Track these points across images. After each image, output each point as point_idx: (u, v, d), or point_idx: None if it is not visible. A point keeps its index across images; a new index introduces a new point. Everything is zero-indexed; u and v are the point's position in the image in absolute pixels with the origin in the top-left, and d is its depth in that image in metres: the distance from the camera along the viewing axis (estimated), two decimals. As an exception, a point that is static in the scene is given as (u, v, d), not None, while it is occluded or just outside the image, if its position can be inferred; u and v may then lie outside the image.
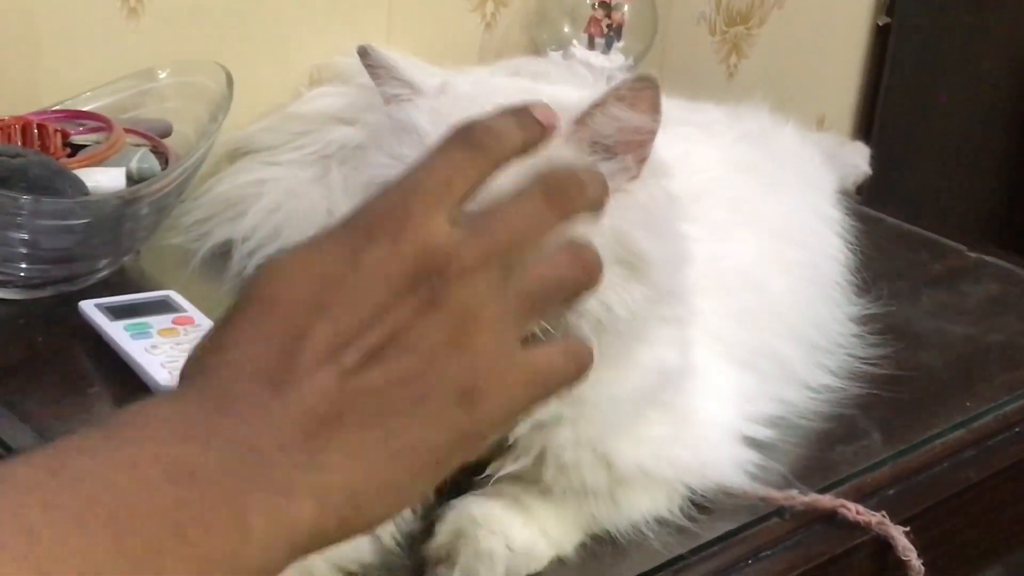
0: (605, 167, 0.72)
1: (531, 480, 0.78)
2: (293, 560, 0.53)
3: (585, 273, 0.60)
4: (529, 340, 0.58)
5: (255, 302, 0.57)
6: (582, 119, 0.72)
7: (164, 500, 0.49)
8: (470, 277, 0.57)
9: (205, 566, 0.50)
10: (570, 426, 0.76)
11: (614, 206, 0.67)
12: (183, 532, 0.49)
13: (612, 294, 0.74)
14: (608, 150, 0.73)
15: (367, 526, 0.56)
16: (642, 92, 0.73)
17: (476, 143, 0.58)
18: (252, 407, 0.53)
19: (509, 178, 0.58)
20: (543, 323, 0.68)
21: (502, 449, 0.77)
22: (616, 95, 0.72)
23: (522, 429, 0.76)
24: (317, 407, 0.54)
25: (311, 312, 0.56)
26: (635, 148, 0.74)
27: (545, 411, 0.75)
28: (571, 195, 0.60)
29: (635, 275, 0.75)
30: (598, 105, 0.72)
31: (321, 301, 0.56)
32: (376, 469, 0.55)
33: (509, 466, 0.77)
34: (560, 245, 0.59)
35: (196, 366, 0.56)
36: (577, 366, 0.60)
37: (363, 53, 0.82)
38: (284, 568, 0.53)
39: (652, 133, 0.74)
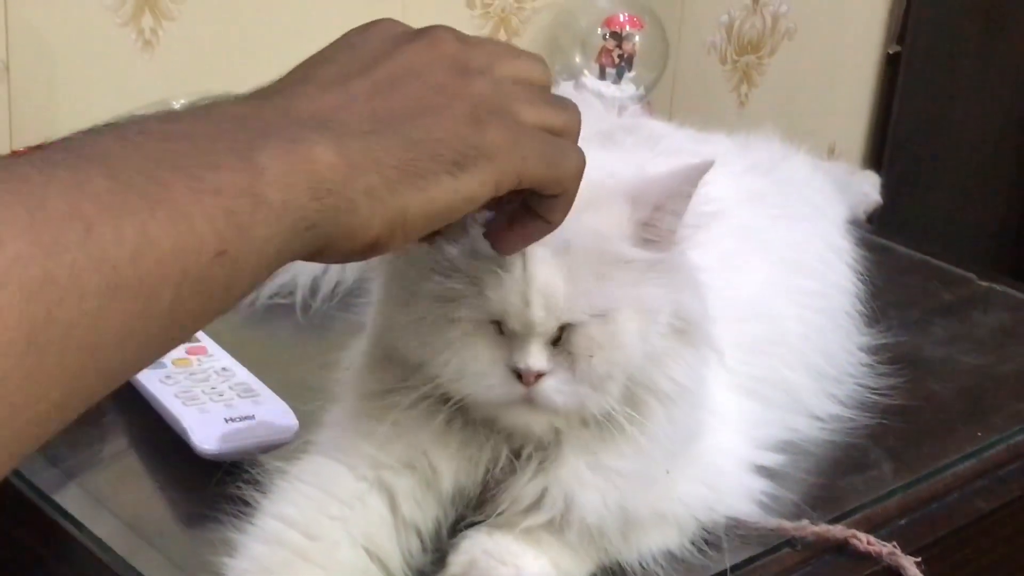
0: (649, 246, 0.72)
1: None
2: (320, 204, 0.54)
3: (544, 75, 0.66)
4: None
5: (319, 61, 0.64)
6: (643, 202, 0.72)
7: (158, 150, 0.51)
8: (478, 48, 0.64)
9: (218, 195, 0.50)
10: (599, 494, 0.76)
11: (662, 279, 0.68)
12: (186, 169, 0.50)
13: (675, 365, 0.75)
14: (655, 230, 0.72)
15: (394, 211, 0.57)
16: (699, 177, 0.72)
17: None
18: (262, 104, 0.58)
19: None
20: (628, 410, 0.72)
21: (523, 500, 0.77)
22: (683, 186, 0.72)
23: (552, 489, 0.76)
24: (336, 106, 0.58)
25: (325, 57, 0.63)
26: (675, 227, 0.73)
27: (575, 477, 0.75)
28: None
29: (687, 340, 0.76)
30: (674, 195, 0.72)
31: (333, 54, 0.63)
32: (394, 145, 0.57)
33: (531, 519, 0.77)
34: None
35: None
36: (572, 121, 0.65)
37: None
38: (318, 225, 0.54)
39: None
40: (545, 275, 0.69)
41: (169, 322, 0.50)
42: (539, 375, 0.71)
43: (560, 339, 0.71)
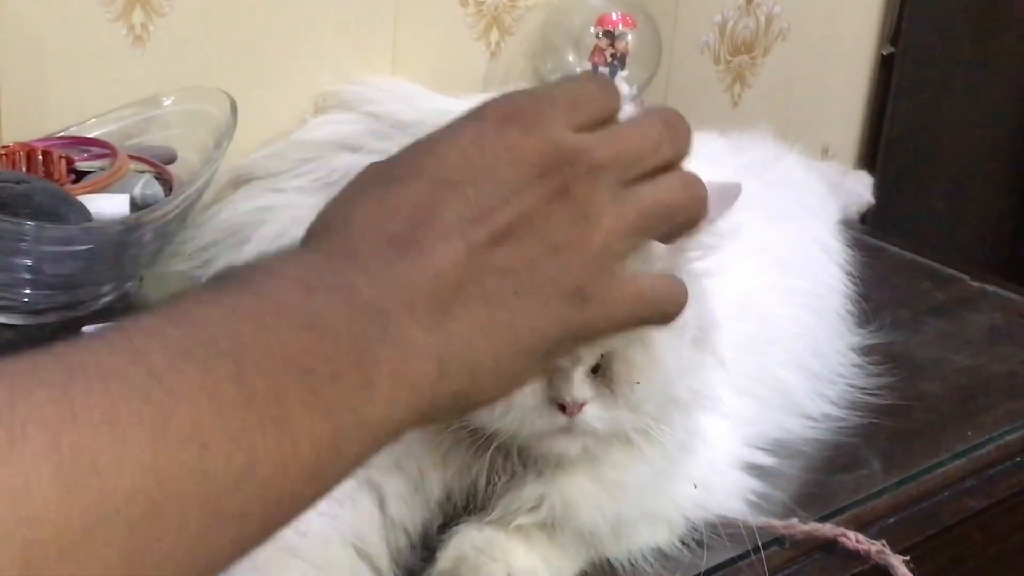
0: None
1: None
2: (410, 427, 0.53)
3: (694, 205, 0.64)
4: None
5: (383, 177, 0.58)
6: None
7: (289, 346, 0.49)
8: (597, 174, 0.59)
9: (328, 416, 0.49)
10: (597, 503, 0.76)
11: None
12: (308, 378, 0.48)
13: (694, 374, 0.75)
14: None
15: (477, 403, 0.57)
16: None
17: (608, 83, 0.64)
18: (380, 265, 0.54)
19: None
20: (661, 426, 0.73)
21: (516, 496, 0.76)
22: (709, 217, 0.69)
23: (551, 496, 0.75)
24: (445, 274, 0.55)
25: (441, 187, 0.57)
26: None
27: (575, 486, 0.75)
28: (683, 134, 0.64)
29: (701, 348, 0.75)
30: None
31: (451, 177, 0.57)
32: (494, 344, 0.56)
33: (522, 518, 0.76)
34: (674, 175, 0.62)
35: (322, 229, 0.56)
36: (674, 302, 0.63)
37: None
38: (401, 433, 0.52)
39: None
40: None
41: (258, 538, 0.49)
42: (582, 405, 0.70)
43: (599, 366, 0.70)
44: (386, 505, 0.76)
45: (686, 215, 0.64)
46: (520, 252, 0.57)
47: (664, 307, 0.63)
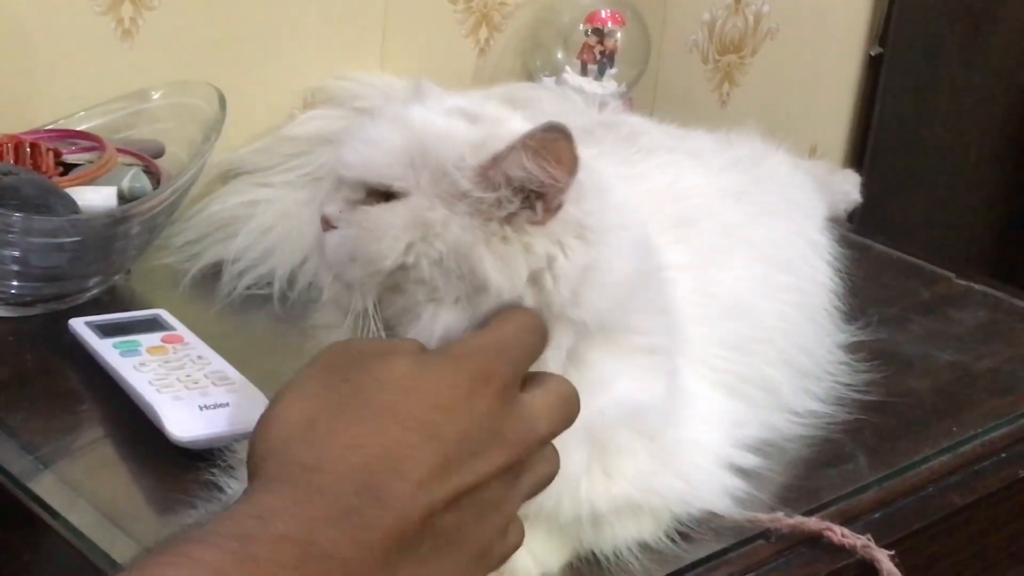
0: (512, 206, 0.71)
1: None
2: None
3: (556, 471, 0.69)
4: None
5: (350, 400, 0.62)
6: (497, 157, 0.71)
7: None
8: (538, 460, 0.66)
9: None
10: (575, 492, 0.76)
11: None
12: None
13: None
14: (520, 191, 0.71)
15: None
16: (551, 144, 0.70)
17: (543, 329, 0.70)
18: (360, 524, 0.57)
19: None
20: None
21: None
22: (523, 143, 0.70)
23: None
24: (400, 531, 0.58)
25: (414, 432, 0.60)
26: (543, 197, 0.71)
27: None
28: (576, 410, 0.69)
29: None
30: (512, 148, 0.70)
31: (425, 428, 0.61)
32: None
33: None
34: (548, 451, 0.67)
35: (310, 451, 0.60)
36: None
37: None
38: None
39: (558, 185, 0.71)
40: None
41: None
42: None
43: None
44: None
45: (551, 481, 0.69)
46: (457, 517, 0.61)
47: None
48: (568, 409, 0.68)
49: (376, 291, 0.73)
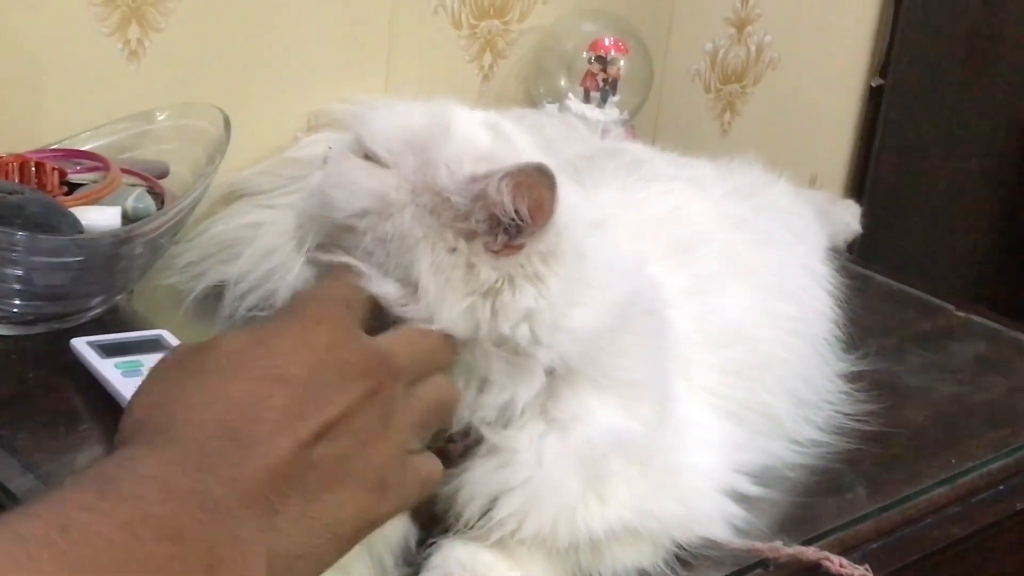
0: (478, 226, 0.72)
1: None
2: None
3: (456, 399, 0.73)
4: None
5: (199, 368, 0.65)
6: (488, 175, 0.71)
7: (154, 558, 0.55)
8: (398, 377, 0.68)
9: None
10: (520, 499, 0.76)
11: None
12: None
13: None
14: (492, 217, 0.72)
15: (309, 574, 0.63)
16: (533, 185, 0.70)
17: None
18: (221, 461, 0.60)
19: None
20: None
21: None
22: (509, 173, 0.70)
23: (529, 512, 0.76)
24: (275, 468, 0.61)
25: (268, 383, 0.63)
26: (507, 230, 0.72)
27: (550, 502, 0.76)
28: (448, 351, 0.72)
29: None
30: (500, 173, 0.71)
31: (279, 374, 0.64)
32: (311, 538, 0.62)
33: (495, 534, 0.77)
34: (440, 378, 0.72)
35: (163, 416, 0.63)
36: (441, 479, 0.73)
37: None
38: None
39: (526, 226, 0.71)
40: None
41: None
42: None
43: None
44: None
45: (453, 407, 0.73)
46: (335, 448, 0.63)
47: (439, 483, 0.73)
48: (425, 342, 0.71)
49: (321, 236, 0.76)
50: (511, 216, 0.71)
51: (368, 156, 0.75)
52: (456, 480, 0.76)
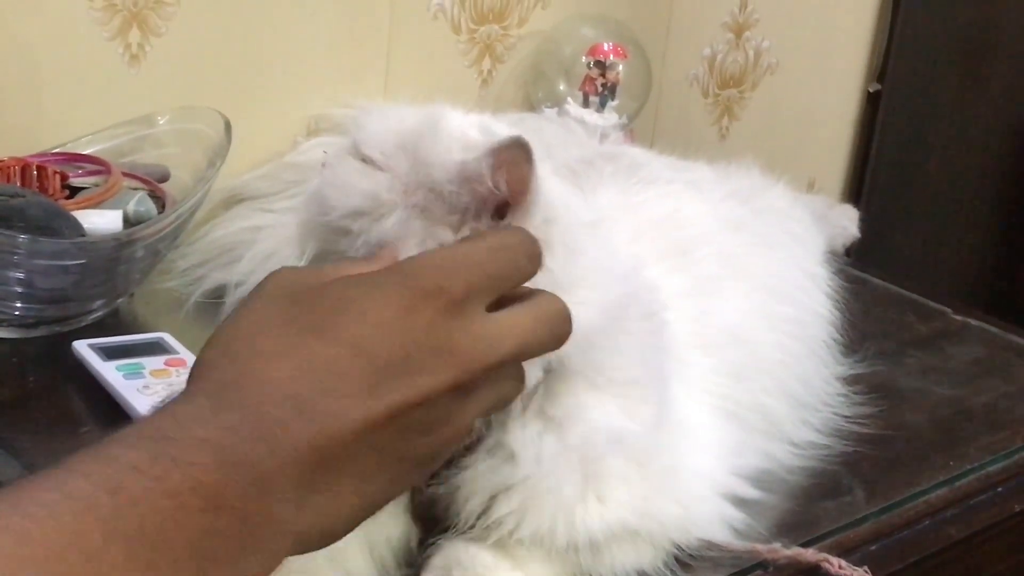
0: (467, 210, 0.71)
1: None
2: None
3: (520, 390, 0.69)
4: None
5: (298, 320, 0.60)
6: (476, 159, 0.71)
7: (194, 530, 0.53)
8: (497, 374, 0.64)
9: None
10: (519, 498, 0.76)
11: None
12: (202, 560, 0.53)
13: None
14: (476, 197, 0.71)
15: (315, 550, 0.60)
16: (508, 161, 0.70)
17: (534, 244, 0.68)
18: (283, 436, 0.56)
19: None
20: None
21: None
22: (489, 150, 0.70)
23: (527, 512, 0.76)
24: (330, 446, 0.57)
25: (354, 353, 0.59)
26: (488, 208, 0.71)
27: (495, 484, 0.76)
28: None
29: None
30: (480, 153, 0.70)
31: (366, 346, 0.59)
32: (348, 514, 0.60)
33: (495, 534, 0.77)
34: (513, 370, 0.66)
35: (237, 364, 0.59)
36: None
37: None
38: None
39: (511, 207, 0.71)
40: None
41: None
42: None
43: None
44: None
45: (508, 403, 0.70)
46: (403, 433, 0.60)
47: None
48: (548, 328, 0.66)
49: (319, 242, 0.75)
50: (491, 189, 0.70)
51: (364, 160, 0.76)
52: (455, 479, 0.77)
